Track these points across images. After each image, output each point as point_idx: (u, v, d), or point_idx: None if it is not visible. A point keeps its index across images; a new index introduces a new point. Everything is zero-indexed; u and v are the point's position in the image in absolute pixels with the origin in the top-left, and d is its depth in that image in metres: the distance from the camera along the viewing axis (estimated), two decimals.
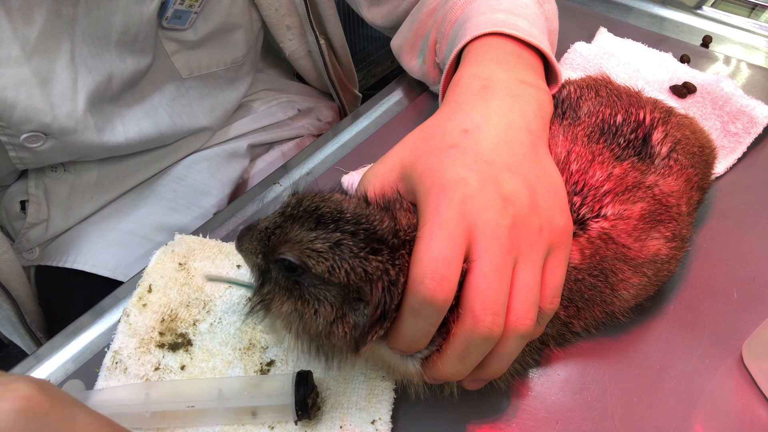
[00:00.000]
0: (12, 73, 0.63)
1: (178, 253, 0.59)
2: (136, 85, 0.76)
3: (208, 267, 0.58)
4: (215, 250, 0.60)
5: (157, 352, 0.53)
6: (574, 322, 0.51)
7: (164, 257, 0.59)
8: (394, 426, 0.50)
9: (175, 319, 0.55)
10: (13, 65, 0.63)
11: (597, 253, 0.50)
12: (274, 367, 0.52)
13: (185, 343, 0.54)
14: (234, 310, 0.56)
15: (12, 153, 0.70)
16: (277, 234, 0.42)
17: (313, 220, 0.42)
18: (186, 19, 0.75)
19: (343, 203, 0.43)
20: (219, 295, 0.57)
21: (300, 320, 0.42)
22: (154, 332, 0.54)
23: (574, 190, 0.51)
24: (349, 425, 0.48)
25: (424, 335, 0.41)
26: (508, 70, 0.54)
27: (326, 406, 0.49)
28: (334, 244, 0.40)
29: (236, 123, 0.94)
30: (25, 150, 0.69)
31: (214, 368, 0.52)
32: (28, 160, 0.72)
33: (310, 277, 0.41)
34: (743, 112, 0.76)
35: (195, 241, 0.61)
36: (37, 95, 0.65)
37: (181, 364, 0.52)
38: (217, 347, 0.53)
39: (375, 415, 0.49)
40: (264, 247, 0.43)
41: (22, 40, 0.62)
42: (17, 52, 0.62)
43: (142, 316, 0.55)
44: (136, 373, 0.51)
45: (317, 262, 0.40)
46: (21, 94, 0.64)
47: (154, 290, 0.57)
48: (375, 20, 0.87)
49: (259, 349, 0.53)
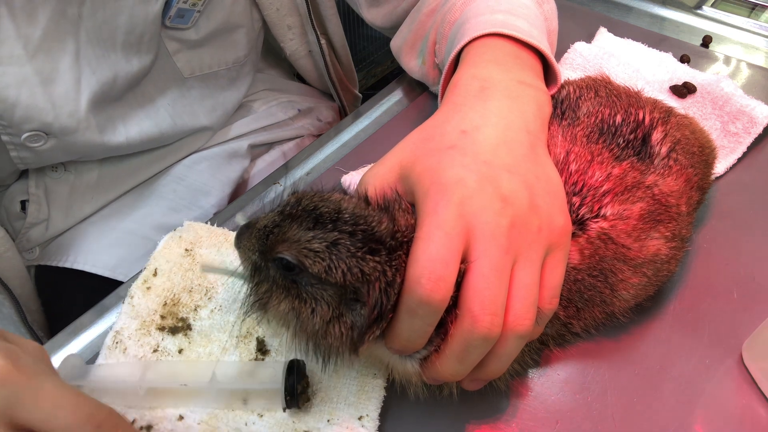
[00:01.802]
0: (14, 71, 0.63)
1: (186, 239, 0.60)
2: (138, 85, 0.76)
3: (213, 255, 0.59)
4: (221, 238, 0.61)
5: (156, 334, 0.54)
6: (574, 323, 0.51)
7: (171, 242, 0.60)
8: (394, 424, 0.50)
9: (177, 303, 0.56)
10: (16, 64, 0.63)
11: (596, 253, 0.50)
12: (269, 357, 0.53)
13: (185, 327, 0.54)
14: (235, 299, 0.56)
15: (13, 153, 0.70)
16: (276, 233, 0.42)
17: (311, 219, 0.42)
18: (189, 18, 0.75)
19: (342, 203, 0.43)
20: (221, 282, 0.58)
21: (297, 319, 0.43)
22: (156, 315, 0.55)
23: (573, 190, 0.51)
24: (337, 419, 0.49)
25: (421, 335, 0.41)
26: (506, 71, 0.54)
27: (316, 399, 0.50)
28: (331, 244, 0.40)
29: (237, 123, 0.94)
30: (27, 150, 0.69)
31: (211, 354, 0.53)
32: (30, 160, 0.72)
33: (307, 276, 0.42)
34: (743, 112, 0.76)
35: (203, 228, 0.61)
36: (39, 94, 0.65)
37: (179, 348, 0.53)
38: (215, 333, 0.54)
39: (363, 411, 0.49)
40: (262, 245, 0.43)
41: (25, 39, 0.62)
42: (20, 51, 0.62)
43: (145, 299, 0.55)
44: (135, 353, 0.52)
45: (314, 261, 0.40)
46: (23, 93, 0.64)
47: (159, 274, 0.57)
48: (375, 21, 0.88)
49: (255, 338, 0.54)
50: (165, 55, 0.77)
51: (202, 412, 0.49)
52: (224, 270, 0.51)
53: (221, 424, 0.48)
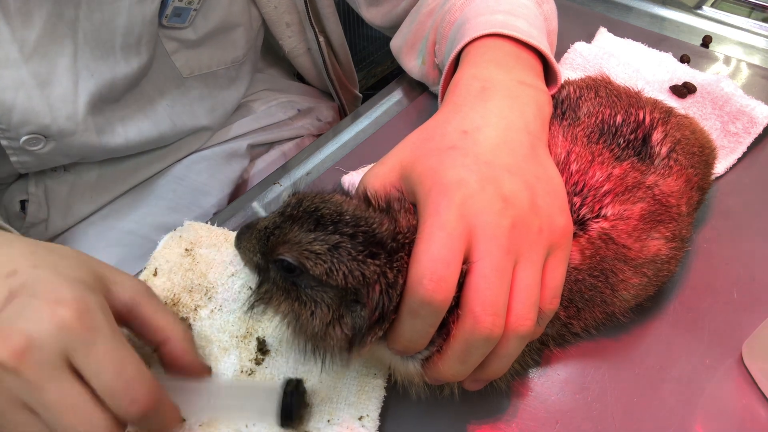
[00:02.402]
0: (10, 74, 0.63)
1: (186, 239, 0.60)
2: (137, 86, 0.76)
3: (213, 254, 0.59)
4: (221, 238, 0.61)
5: None
6: (574, 323, 0.51)
7: (171, 242, 0.59)
8: (394, 424, 0.50)
9: (177, 303, 0.56)
10: (11, 67, 0.62)
11: (597, 253, 0.49)
12: (269, 356, 0.53)
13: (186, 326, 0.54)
14: (235, 299, 0.56)
15: (14, 158, 0.69)
16: (277, 234, 0.42)
17: (312, 221, 0.42)
18: (186, 16, 0.75)
19: (343, 205, 0.43)
20: (221, 282, 0.57)
21: (297, 321, 0.42)
22: None
23: (574, 190, 0.51)
24: (337, 419, 0.48)
25: (423, 336, 0.41)
26: (506, 71, 0.54)
27: (316, 399, 0.50)
28: (333, 247, 0.40)
29: (236, 123, 0.94)
30: (27, 153, 0.69)
31: (210, 354, 0.53)
32: (30, 164, 0.72)
33: (308, 278, 0.41)
34: (743, 112, 0.76)
35: (203, 228, 0.61)
36: (35, 97, 0.65)
37: None
38: (215, 333, 0.54)
39: (363, 411, 0.49)
40: (263, 246, 0.43)
41: (20, 42, 0.62)
42: (15, 54, 0.62)
43: None
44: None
45: (315, 264, 0.40)
46: (19, 96, 0.64)
47: (159, 274, 0.57)
48: (374, 20, 0.87)
49: (255, 338, 0.54)
50: (163, 55, 0.77)
51: (201, 415, 0.49)
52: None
53: (221, 426, 0.48)
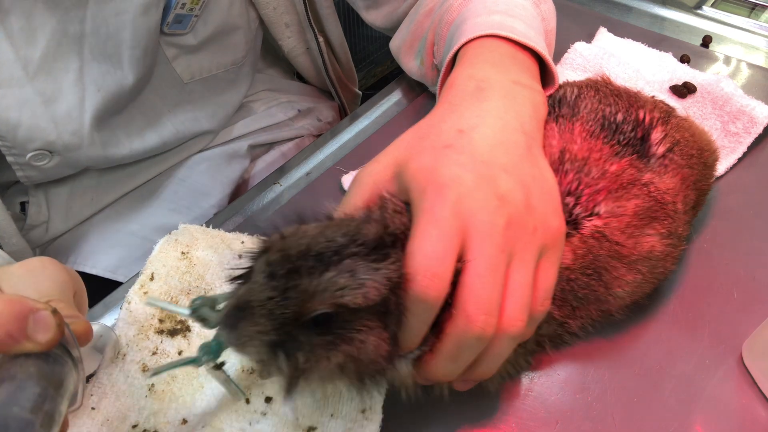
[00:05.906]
0: (15, 93, 0.63)
1: (182, 242, 0.60)
2: (140, 95, 0.76)
3: (210, 256, 0.59)
4: (218, 240, 0.61)
5: (155, 337, 0.53)
6: (570, 322, 0.51)
7: (167, 246, 0.59)
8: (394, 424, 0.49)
9: None
10: (16, 86, 0.63)
11: (590, 252, 0.49)
12: None
13: (184, 329, 0.54)
14: None
15: (20, 173, 0.70)
16: (292, 297, 0.38)
17: (314, 261, 0.38)
18: (187, 23, 0.75)
19: (326, 230, 0.40)
20: (219, 284, 0.57)
21: (354, 362, 0.39)
22: (154, 319, 0.54)
23: (568, 190, 0.51)
24: (341, 413, 0.48)
25: (416, 334, 0.41)
26: (503, 72, 0.54)
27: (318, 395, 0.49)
28: (352, 271, 0.38)
29: (237, 124, 0.94)
30: (33, 168, 0.70)
31: None
32: (36, 178, 0.72)
33: (344, 317, 0.39)
34: (743, 112, 0.76)
35: (198, 230, 0.61)
36: (41, 114, 0.65)
37: (178, 350, 0.53)
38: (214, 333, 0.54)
39: (366, 404, 0.49)
40: (278, 320, 0.38)
41: (24, 60, 0.63)
42: (19, 73, 0.63)
43: (142, 304, 0.55)
44: (132, 358, 0.52)
45: (353, 296, 0.37)
46: (24, 114, 0.64)
47: (156, 278, 0.57)
48: (375, 22, 0.88)
49: None
50: (164, 62, 0.77)
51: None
52: (172, 307, 0.48)
53: (225, 426, 0.48)
